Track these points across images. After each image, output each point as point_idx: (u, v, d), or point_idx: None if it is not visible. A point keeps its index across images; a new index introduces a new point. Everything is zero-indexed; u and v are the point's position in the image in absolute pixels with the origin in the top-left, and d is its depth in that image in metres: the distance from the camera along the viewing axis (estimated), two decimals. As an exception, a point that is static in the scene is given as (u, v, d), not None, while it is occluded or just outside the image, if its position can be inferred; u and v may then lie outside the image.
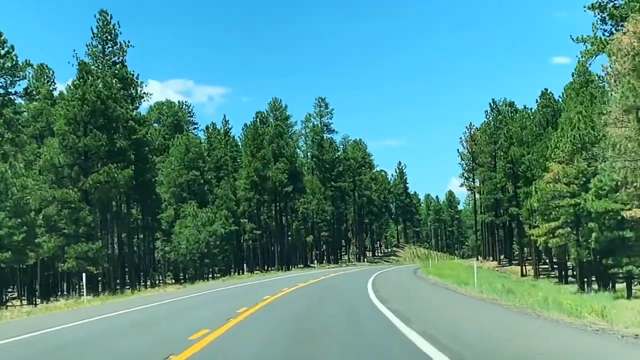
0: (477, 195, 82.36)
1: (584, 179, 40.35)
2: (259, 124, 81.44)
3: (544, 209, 42.54)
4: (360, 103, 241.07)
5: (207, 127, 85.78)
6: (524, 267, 62.93)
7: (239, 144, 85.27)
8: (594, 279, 44.30)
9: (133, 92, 54.45)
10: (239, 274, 74.81)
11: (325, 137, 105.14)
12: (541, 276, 60.02)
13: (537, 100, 58.85)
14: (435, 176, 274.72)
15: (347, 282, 33.92)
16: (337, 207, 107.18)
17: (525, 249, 73.60)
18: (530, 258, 65.05)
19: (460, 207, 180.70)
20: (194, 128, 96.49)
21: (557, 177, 41.69)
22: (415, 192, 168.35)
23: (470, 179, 79.79)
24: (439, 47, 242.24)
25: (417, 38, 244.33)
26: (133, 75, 53.72)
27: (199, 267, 66.97)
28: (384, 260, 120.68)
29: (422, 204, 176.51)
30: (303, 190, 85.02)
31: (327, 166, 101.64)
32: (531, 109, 61.59)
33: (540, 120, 56.77)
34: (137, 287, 55.25)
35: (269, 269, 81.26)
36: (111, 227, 53.67)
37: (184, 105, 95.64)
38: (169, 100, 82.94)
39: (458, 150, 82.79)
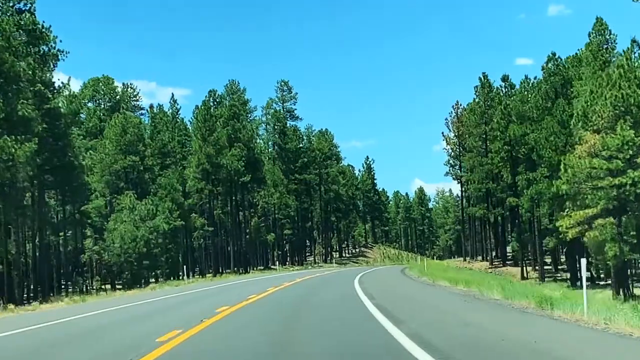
0: (459, 189, 72.56)
1: (629, 152, 30.59)
2: (211, 104, 70.24)
3: (574, 192, 32.64)
4: (328, 102, 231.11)
5: (151, 107, 74.20)
6: (524, 268, 53.42)
7: (190, 128, 73.92)
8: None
9: (45, 48, 42.84)
10: (185, 277, 63.55)
11: (288, 125, 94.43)
12: (547, 279, 50.45)
13: (542, 67, 49.38)
14: (401, 176, 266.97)
15: (326, 290, 23.47)
16: (302, 203, 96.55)
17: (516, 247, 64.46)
18: (529, 258, 55.55)
19: (431, 204, 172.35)
20: (141, 114, 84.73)
21: (593, 150, 31.85)
22: (383, 189, 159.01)
23: (457, 167, 70.12)
24: (411, 46, 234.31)
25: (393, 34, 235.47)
26: (44, 27, 42.05)
27: (136, 269, 55.62)
28: (353, 262, 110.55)
29: (391, 202, 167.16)
30: (263, 181, 74.14)
31: (291, 156, 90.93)
32: (535, 77, 52.07)
33: (547, 91, 47.30)
34: (52, 295, 43.55)
35: (224, 271, 70.24)
36: (16, 219, 42.01)
37: (129, 88, 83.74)
38: (107, 76, 71.26)
39: (443, 133, 73.25)
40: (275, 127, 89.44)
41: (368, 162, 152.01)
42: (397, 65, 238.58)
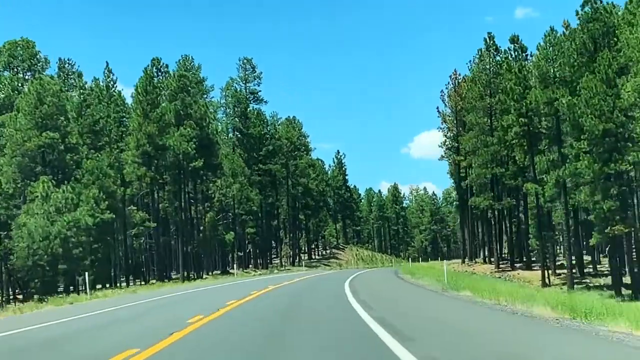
0: (454, 176, 61.12)
1: None
2: (155, 73, 57.71)
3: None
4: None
5: (79, 75, 61.20)
6: (546, 272, 42.29)
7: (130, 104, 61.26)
8: None
9: None
10: (87, 290, 51.17)
11: (251, 108, 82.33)
12: (578, 286, 39.48)
13: (576, 13, 38.11)
14: (368, 180, 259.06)
15: (308, 330, 11.47)
16: (267, 197, 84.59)
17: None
18: (548, 259, 44.36)
19: (405, 204, 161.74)
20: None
21: None
22: (355, 187, 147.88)
23: (454, 150, 58.60)
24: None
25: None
26: None
27: (50, 276, 43.22)
28: (323, 264, 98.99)
29: (362, 200, 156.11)
30: (219, 168, 61.86)
31: (253, 143, 78.96)
32: (569, 27, 40.52)
33: (586, 42, 36.29)
34: None
35: (172, 276, 58.00)
36: None
37: (66, 64, 70.26)
38: (26, 38, 58.06)
39: (438, 109, 61.67)
40: (236, 109, 77.22)
41: (339, 157, 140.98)
42: (367, 65, 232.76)
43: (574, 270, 44.48)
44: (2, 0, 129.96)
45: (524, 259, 50.24)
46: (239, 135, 78.61)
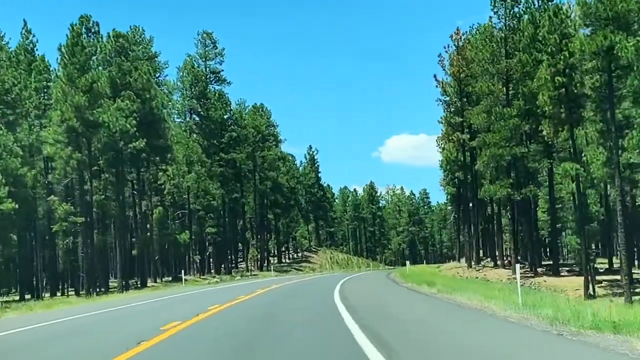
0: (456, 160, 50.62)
1: None
2: (84, 32, 46.11)
3: None
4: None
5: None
6: (589, 279, 32.07)
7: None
8: None
9: None
10: (36, 297, 39.86)
11: (212, 89, 71.22)
12: (635, 297, 29.40)
13: None
14: (341, 178, 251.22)
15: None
16: (230, 192, 73.48)
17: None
18: (591, 261, 34.22)
19: (381, 203, 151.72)
20: None
21: None
22: (328, 185, 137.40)
23: (457, 126, 47.87)
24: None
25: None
26: None
27: None
28: (295, 269, 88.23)
29: (337, 200, 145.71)
30: (168, 152, 50.64)
31: (214, 128, 67.92)
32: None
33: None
34: None
35: (108, 283, 46.75)
36: None
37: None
38: None
39: (435, 77, 50.98)
40: (193, 89, 65.97)
41: (311, 153, 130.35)
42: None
43: (614, 277, 34.58)
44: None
45: (548, 262, 40.10)
46: (196, 119, 67.43)
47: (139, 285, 47.46)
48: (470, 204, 50.07)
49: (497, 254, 47.76)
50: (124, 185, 48.76)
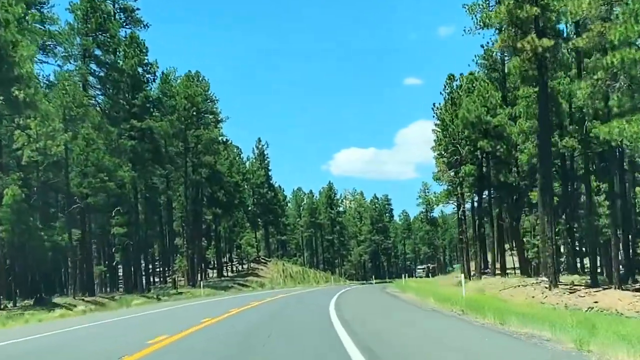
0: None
1: None
2: None
3: None
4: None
5: None
6: None
7: None
8: None
9: None
10: None
11: (124, 34, 50.70)
12: None
13: None
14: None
15: None
16: (147, 179, 52.88)
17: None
18: None
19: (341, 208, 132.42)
20: None
21: None
22: (280, 186, 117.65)
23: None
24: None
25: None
26: None
27: None
28: (239, 284, 68.07)
29: (289, 203, 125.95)
30: (18, 81, 29.87)
31: (120, 80, 47.46)
32: None
33: None
34: None
35: None
36: None
37: None
38: None
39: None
40: (89, 21, 45.20)
41: (260, 147, 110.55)
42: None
43: None
44: None
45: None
46: (94, 68, 46.69)
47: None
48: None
49: (596, 262, 28.62)
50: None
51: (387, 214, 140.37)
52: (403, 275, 73.15)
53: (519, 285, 26.32)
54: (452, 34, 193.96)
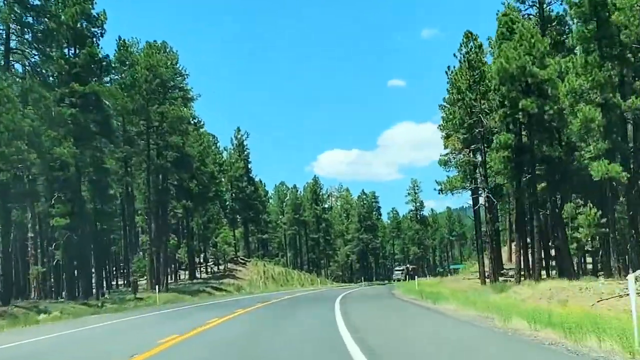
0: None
1: None
2: None
3: None
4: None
5: None
6: None
7: None
8: None
9: None
10: None
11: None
12: None
13: None
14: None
15: None
16: (95, 158, 42.91)
17: None
18: None
19: (327, 204, 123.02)
20: None
21: None
22: (261, 180, 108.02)
23: None
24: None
25: None
26: None
27: None
28: (213, 287, 58.49)
29: (271, 200, 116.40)
30: None
31: (62, 34, 37.71)
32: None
33: None
34: None
35: None
36: None
37: None
38: None
39: None
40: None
41: (239, 137, 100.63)
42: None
43: None
44: None
45: None
46: (21, 14, 36.79)
47: None
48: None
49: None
50: None
51: (375, 212, 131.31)
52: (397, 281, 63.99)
53: (621, 295, 17.28)
54: (435, 36, 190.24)
